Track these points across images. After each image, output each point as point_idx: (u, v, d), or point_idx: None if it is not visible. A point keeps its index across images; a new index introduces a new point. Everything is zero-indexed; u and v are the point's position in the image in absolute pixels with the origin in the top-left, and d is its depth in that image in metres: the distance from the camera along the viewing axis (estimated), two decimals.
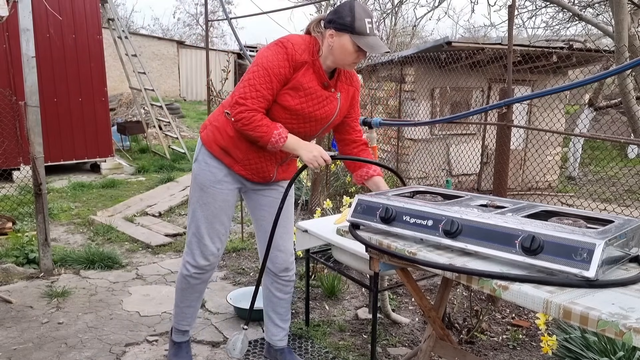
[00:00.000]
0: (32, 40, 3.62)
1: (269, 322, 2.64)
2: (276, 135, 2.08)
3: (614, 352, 2.42)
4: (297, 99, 2.14)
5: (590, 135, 5.70)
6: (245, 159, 2.27)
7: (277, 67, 2.06)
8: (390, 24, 14.18)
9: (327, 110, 2.24)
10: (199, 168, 2.31)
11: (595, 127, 8.74)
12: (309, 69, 2.13)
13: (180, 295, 2.52)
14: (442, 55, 6.40)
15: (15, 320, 3.12)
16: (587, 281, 1.35)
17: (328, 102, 2.23)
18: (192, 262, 2.40)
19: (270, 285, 2.57)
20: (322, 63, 2.15)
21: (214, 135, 2.27)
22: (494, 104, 2.49)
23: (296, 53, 2.08)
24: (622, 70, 1.62)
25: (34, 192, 3.77)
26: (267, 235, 2.46)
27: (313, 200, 5.16)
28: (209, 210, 2.32)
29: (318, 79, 2.16)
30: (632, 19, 5.70)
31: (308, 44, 2.13)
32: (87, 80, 7.80)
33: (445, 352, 2.27)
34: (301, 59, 2.09)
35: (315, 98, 2.18)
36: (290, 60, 2.07)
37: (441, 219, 1.69)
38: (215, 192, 2.30)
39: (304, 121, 2.21)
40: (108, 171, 8.14)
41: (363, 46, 2.04)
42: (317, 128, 2.29)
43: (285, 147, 2.12)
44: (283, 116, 2.17)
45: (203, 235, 2.36)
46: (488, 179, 6.75)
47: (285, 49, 2.07)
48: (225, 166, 2.29)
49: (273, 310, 2.61)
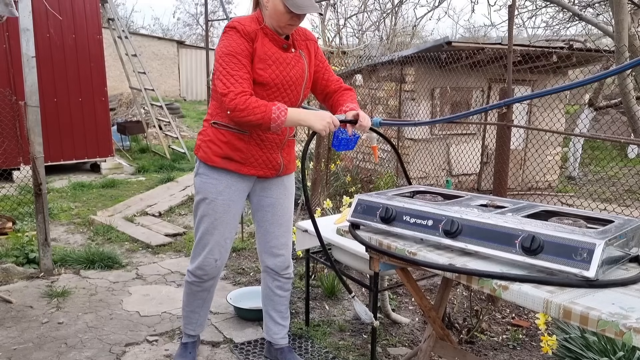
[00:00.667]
0: (32, 40, 3.62)
1: (269, 321, 2.66)
2: (276, 111, 2.04)
3: (614, 352, 2.41)
4: (268, 70, 2.16)
5: (590, 135, 5.70)
6: (249, 156, 2.28)
7: (237, 46, 2.09)
8: (390, 24, 14.19)
9: (297, 71, 2.25)
10: (200, 181, 2.33)
11: (595, 127, 8.74)
12: (263, 38, 2.16)
13: (185, 300, 2.57)
14: (442, 55, 6.39)
15: (15, 320, 3.12)
16: (587, 281, 1.36)
17: (295, 62, 2.25)
18: (191, 270, 2.47)
19: (271, 284, 2.60)
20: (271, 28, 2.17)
21: (210, 149, 2.28)
22: (494, 104, 2.49)
23: (244, 26, 2.12)
24: (622, 70, 1.62)
25: (34, 192, 3.77)
26: (267, 236, 2.50)
27: (313, 200, 5.16)
28: (209, 221, 2.35)
29: (275, 44, 2.19)
30: (632, 19, 5.70)
31: (253, 16, 2.19)
32: (87, 80, 7.80)
33: (445, 352, 2.27)
34: (251, 29, 2.13)
35: (282, 63, 2.20)
36: (243, 34, 2.11)
37: (441, 219, 1.69)
38: (216, 204, 2.32)
39: (283, 90, 2.22)
40: (108, 171, 8.14)
41: (290, 6, 2.05)
42: (297, 94, 2.29)
43: (289, 120, 2.06)
44: (263, 94, 2.18)
45: (204, 246, 2.40)
46: (488, 179, 6.75)
47: (234, 28, 2.11)
48: (228, 176, 2.30)
49: (274, 308, 2.63)
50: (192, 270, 2.46)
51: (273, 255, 2.53)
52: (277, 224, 2.49)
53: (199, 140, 2.36)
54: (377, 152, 2.81)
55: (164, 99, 11.96)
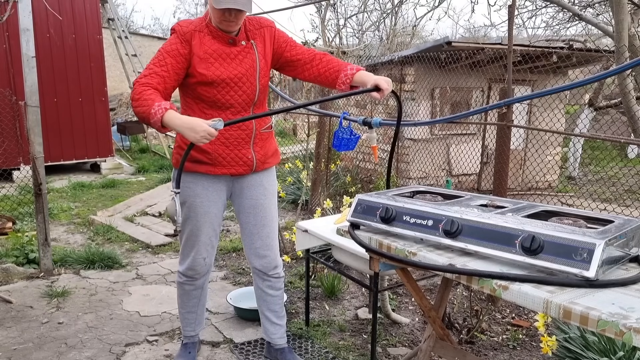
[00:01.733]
0: (32, 40, 3.62)
1: (265, 322, 2.66)
2: (155, 107, 1.96)
3: (614, 352, 2.42)
4: (211, 68, 2.17)
5: (590, 135, 5.70)
6: (217, 156, 2.28)
7: (169, 46, 2.15)
8: (390, 24, 14.19)
9: (246, 64, 2.24)
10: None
11: (595, 127, 8.74)
12: (204, 36, 2.18)
13: (180, 301, 2.60)
14: (442, 55, 6.40)
15: (15, 320, 3.12)
16: (587, 281, 1.36)
17: (243, 56, 2.23)
18: (182, 271, 2.51)
19: (261, 285, 2.59)
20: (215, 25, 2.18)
21: (179, 154, 2.30)
22: (494, 104, 2.49)
23: (182, 27, 2.18)
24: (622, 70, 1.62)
25: (34, 192, 3.77)
26: (252, 237, 2.50)
27: (313, 200, 5.16)
28: (192, 223, 2.37)
29: (220, 40, 2.20)
30: (632, 19, 5.70)
31: (201, 17, 2.24)
32: (87, 80, 7.81)
33: (445, 352, 2.27)
34: (188, 30, 2.17)
35: (228, 58, 2.21)
36: (180, 36, 2.15)
37: (441, 219, 1.69)
38: (196, 206, 2.34)
39: (234, 85, 2.22)
40: (108, 171, 8.15)
41: (214, 2, 2.06)
42: (251, 87, 2.25)
43: (164, 122, 1.97)
44: (212, 92, 2.20)
45: (191, 247, 2.43)
46: (488, 179, 6.75)
47: (174, 31, 2.19)
48: (203, 178, 2.31)
49: (268, 308, 2.63)
50: (183, 272, 2.50)
51: (259, 257, 2.53)
52: (260, 225, 2.48)
53: (173, 150, 2.42)
54: (377, 152, 2.80)
55: None
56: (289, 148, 8.27)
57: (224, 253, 4.43)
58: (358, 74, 2.22)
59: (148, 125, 2.25)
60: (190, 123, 1.95)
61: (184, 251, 2.46)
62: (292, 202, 6.07)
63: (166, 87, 2.12)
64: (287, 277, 3.87)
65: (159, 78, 2.10)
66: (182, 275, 2.52)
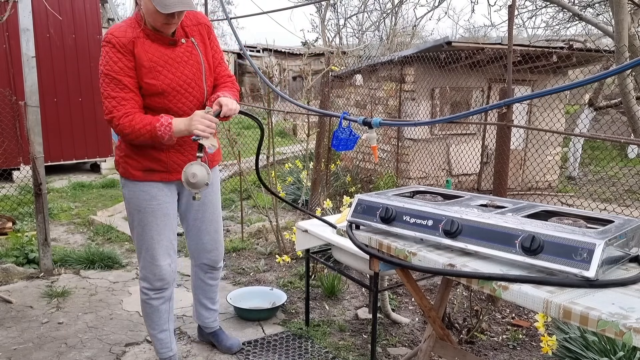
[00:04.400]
0: (32, 40, 3.62)
1: (201, 308, 2.71)
2: (160, 127, 1.99)
3: (614, 352, 2.41)
4: (160, 77, 2.06)
5: (590, 135, 5.70)
6: (171, 163, 2.23)
7: (114, 64, 2.01)
8: (390, 24, 14.20)
9: (192, 66, 2.15)
10: (129, 191, 2.25)
11: (595, 127, 8.73)
12: (144, 42, 2.04)
13: (150, 322, 2.44)
14: (442, 55, 6.40)
15: (15, 320, 3.12)
16: (587, 281, 1.36)
17: (187, 57, 2.14)
18: (148, 286, 2.36)
19: (203, 276, 2.63)
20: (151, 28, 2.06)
21: (130, 164, 2.21)
22: (494, 104, 2.49)
23: (119, 38, 2.01)
24: (622, 70, 1.62)
25: (34, 192, 3.77)
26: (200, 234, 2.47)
27: (313, 200, 5.16)
28: (153, 229, 2.27)
29: (160, 43, 2.08)
30: (632, 19, 5.70)
31: (130, 22, 2.08)
32: (87, 80, 7.80)
33: (445, 352, 2.27)
34: (126, 39, 2.02)
35: (173, 63, 2.10)
36: (119, 47, 2.01)
37: (441, 219, 1.69)
38: (154, 209, 2.25)
39: (183, 91, 2.14)
40: (108, 171, 8.14)
41: (157, 5, 1.94)
42: (199, 89, 2.19)
43: (176, 132, 2.03)
44: (162, 102, 2.10)
45: (154, 255, 2.30)
46: (488, 179, 6.75)
47: (110, 43, 2.01)
48: (159, 181, 2.24)
49: (205, 296, 2.69)
50: (150, 286, 2.35)
51: (207, 252, 2.55)
52: (208, 221, 2.48)
53: (117, 156, 2.27)
54: (377, 152, 2.80)
55: None
56: (289, 148, 8.27)
57: (224, 253, 4.43)
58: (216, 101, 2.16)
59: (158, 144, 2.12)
60: (187, 118, 2.04)
61: (147, 263, 2.31)
62: (292, 202, 6.06)
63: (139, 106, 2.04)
64: (287, 277, 3.87)
65: (130, 102, 2.02)
66: (148, 291, 2.36)
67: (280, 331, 3.03)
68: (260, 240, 4.78)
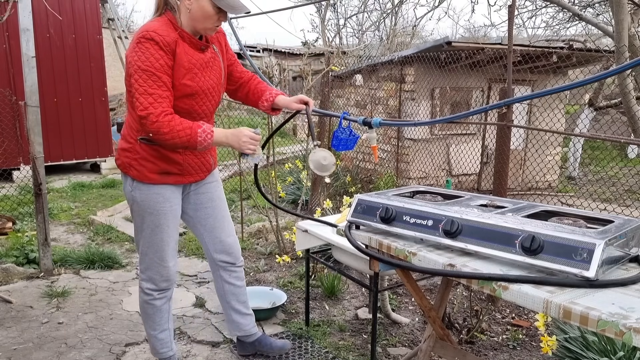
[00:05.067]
0: (32, 40, 3.62)
1: (236, 315, 2.61)
2: (202, 134, 2.00)
3: (614, 352, 2.41)
4: (195, 79, 2.09)
5: (590, 135, 5.70)
6: (186, 166, 2.23)
7: (156, 61, 1.95)
8: (390, 24, 14.20)
9: (216, 70, 2.21)
10: (142, 194, 2.19)
11: (595, 127, 8.74)
12: (182, 44, 2.05)
13: (151, 323, 2.42)
14: (442, 55, 6.40)
15: (15, 320, 3.12)
16: (587, 281, 1.36)
17: (212, 61, 2.19)
18: (153, 287, 2.35)
19: (228, 278, 2.56)
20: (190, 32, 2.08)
21: (145, 167, 2.16)
22: (494, 104, 2.49)
23: (164, 37, 1.97)
24: (622, 70, 1.62)
25: (34, 192, 3.77)
26: (215, 231, 2.45)
27: (313, 200, 5.16)
28: (164, 231, 2.25)
29: (194, 47, 2.10)
30: (632, 19, 5.71)
31: (166, 22, 2.05)
32: (87, 80, 7.81)
33: (445, 352, 2.27)
34: (171, 39, 1.99)
35: (204, 66, 2.13)
36: (164, 46, 1.97)
37: (441, 219, 1.69)
38: (167, 212, 2.23)
39: (208, 94, 2.17)
40: (108, 171, 8.15)
41: (224, 7, 1.97)
42: (219, 93, 2.26)
43: (215, 142, 2.06)
44: (191, 104, 2.11)
45: (163, 257, 2.29)
46: (488, 179, 6.75)
47: (153, 40, 1.95)
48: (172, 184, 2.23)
49: (237, 300, 2.60)
50: (154, 287, 2.34)
51: (226, 248, 2.50)
52: (220, 216, 2.47)
53: (127, 158, 2.18)
54: (377, 152, 2.80)
55: None
56: (289, 148, 8.27)
57: None
58: (279, 97, 2.38)
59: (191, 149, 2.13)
60: (233, 133, 2.07)
61: (154, 264, 2.29)
62: (292, 202, 6.07)
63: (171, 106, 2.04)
64: (287, 277, 3.87)
65: (167, 101, 1.99)
66: (152, 292, 2.35)
67: (280, 331, 3.03)
68: (260, 240, 4.78)
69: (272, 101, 2.38)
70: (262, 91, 2.39)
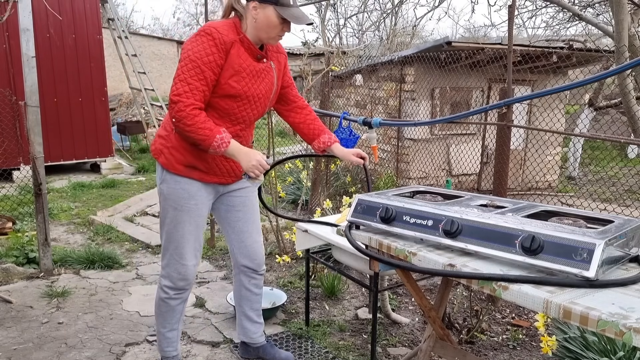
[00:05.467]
0: (32, 40, 3.62)
1: (246, 321, 2.63)
2: (218, 140, 2.03)
3: (614, 352, 2.41)
4: (242, 82, 2.12)
5: (590, 135, 5.70)
6: (214, 166, 2.24)
7: (206, 55, 2.01)
8: (390, 24, 14.20)
9: (267, 83, 2.24)
10: (169, 187, 2.22)
11: (595, 127, 8.74)
12: (239, 47, 2.10)
13: (162, 320, 2.42)
14: (442, 55, 6.40)
15: (15, 320, 3.12)
16: (587, 281, 1.36)
17: (265, 74, 2.22)
18: (171, 285, 2.34)
19: (247, 283, 2.57)
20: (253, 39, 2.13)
21: (174, 156, 2.19)
22: (494, 104, 2.49)
23: (222, 35, 2.04)
24: (622, 70, 1.62)
25: (34, 192, 3.77)
26: (242, 235, 2.47)
27: (313, 200, 5.17)
28: (186, 228, 2.26)
29: (251, 54, 2.14)
30: (632, 19, 5.70)
31: (230, 24, 2.11)
32: (87, 80, 7.81)
33: (445, 352, 2.27)
34: (229, 39, 2.05)
35: (255, 75, 2.17)
36: (219, 44, 2.03)
37: (441, 219, 1.69)
38: (191, 209, 2.24)
39: (253, 101, 2.20)
40: (108, 171, 8.15)
41: (288, 17, 2.04)
42: (265, 104, 2.29)
43: (226, 152, 2.08)
44: (233, 105, 2.14)
45: (183, 254, 2.29)
46: (488, 179, 6.75)
47: (210, 35, 2.02)
48: (197, 180, 2.24)
49: (251, 307, 2.61)
50: (172, 285, 2.33)
51: (250, 253, 2.51)
52: (250, 221, 2.48)
53: (160, 145, 2.24)
54: (377, 152, 2.80)
55: (164, 99, 11.94)
56: (289, 148, 8.27)
57: (224, 253, 4.43)
58: (337, 145, 2.47)
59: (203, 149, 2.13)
60: (247, 152, 2.09)
61: (173, 261, 2.29)
62: (292, 202, 6.06)
63: (205, 102, 2.08)
64: (287, 277, 3.87)
65: (201, 95, 2.03)
66: (169, 290, 2.34)
67: (280, 331, 3.03)
68: None
69: (328, 146, 2.45)
70: (320, 131, 2.46)
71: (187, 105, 1.99)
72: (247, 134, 2.33)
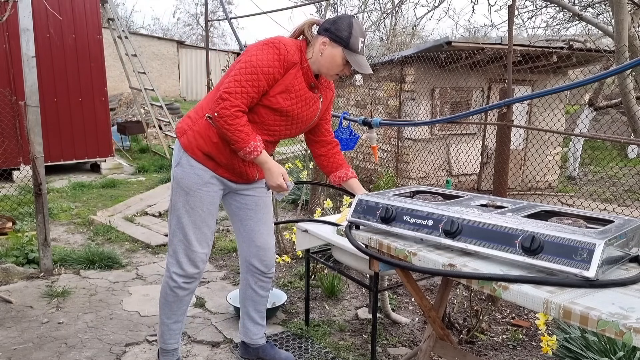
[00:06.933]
0: (32, 40, 3.62)
1: (249, 322, 2.63)
2: (252, 146, 2.08)
3: (614, 352, 2.42)
4: (288, 101, 2.16)
5: (590, 135, 5.70)
6: (229, 164, 2.25)
7: (267, 66, 2.06)
8: (390, 24, 14.18)
9: (311, 111, 2.28)
10: (183, 171, 2.23)
11: (595, 127, 8.74)
12: (299, 71, 2.15)
13: (167, 311, 2.40)
14: (442, 55, 6.40)
15: (15, 320, 3.12)
16: (587, 281, 1.36)
17: (312, 103, 2.27)
18: (180, 272, 2.32)
19: (254, 285, 2.56)
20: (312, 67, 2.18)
21: (197, 141, 2.21)
22: (494, 104, 2.49)
23: (288, 54, 2.09)
24: (622, 70, 1.63)
25: (34, 192, 3.77)
26: (253, 235, 2.47)
27: (313, 200, 5.17)
28: (197, 214, 2.26)
29: (306, 80, 2.19)
30: (632, 19, 5.70)
31: (298, 45, 2.17)
32: (87, 80, 7.80)
33: (445, 352, 2.27)
34: (293, 60, 2.11)
35: (304, 99, 2.21)
36: (283, 60, 2.08)
37: (441, 219, 1.69)
38: (203, 195, 2.25)
39: (292, 122, 2.24)
40: (108, 171, 8.14)
41: (353, 63, 2.12)
42: (301, 128, 2.34)
43: (255, 160, 2.13)
44: (272, 118, 2.18)
45: (191, 241, 2.29)
46: (488, 179, 6.75)
47: (278, 49, 2.08)
48: (210, 170, 2.25)
49: (255, 309, 2.61)
50: (182, 273, 2.31)
51: (260, 254, 2.50)
52: (262, 221, 2.48)
53: (186, 125, 2.26)
54: (377, 152, 2.80)
55: (164, 99, 11.96)
56: (289, 148, 8.28)
57: (224, 253, 4.43)
58: (353, 180, 2.48)
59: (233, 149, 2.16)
60: (271, 168, 2.15)
61: (183, 246, 2.28)
62: (292, 202, 6.07)
63: (249, 107, 2.12)
64: (287, 277, 3.87)
65: (248, 100, 2.07)
66: (179, 277, 2.31)
67: (280, 331, 3.03)
68: None
69: (345, 181, 2.47)
70: (339, 165, 2.49)
71: (234, 106, 2.03)
72: (270, 149, 2.34)
